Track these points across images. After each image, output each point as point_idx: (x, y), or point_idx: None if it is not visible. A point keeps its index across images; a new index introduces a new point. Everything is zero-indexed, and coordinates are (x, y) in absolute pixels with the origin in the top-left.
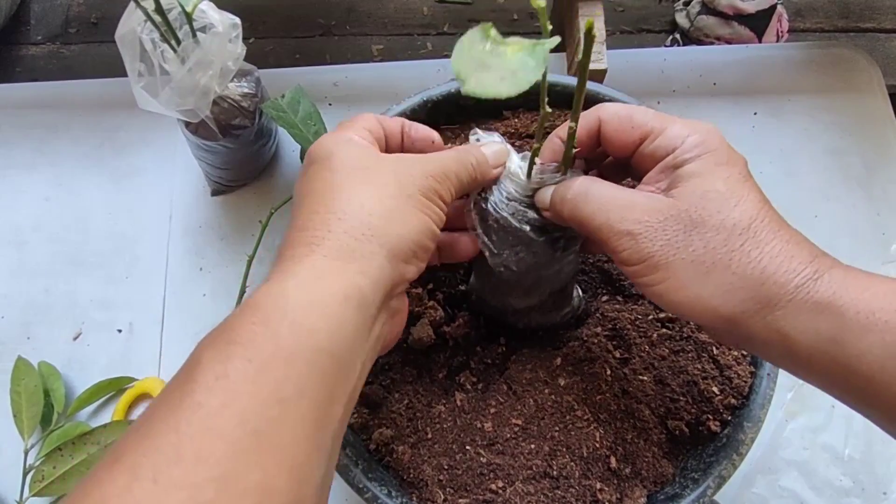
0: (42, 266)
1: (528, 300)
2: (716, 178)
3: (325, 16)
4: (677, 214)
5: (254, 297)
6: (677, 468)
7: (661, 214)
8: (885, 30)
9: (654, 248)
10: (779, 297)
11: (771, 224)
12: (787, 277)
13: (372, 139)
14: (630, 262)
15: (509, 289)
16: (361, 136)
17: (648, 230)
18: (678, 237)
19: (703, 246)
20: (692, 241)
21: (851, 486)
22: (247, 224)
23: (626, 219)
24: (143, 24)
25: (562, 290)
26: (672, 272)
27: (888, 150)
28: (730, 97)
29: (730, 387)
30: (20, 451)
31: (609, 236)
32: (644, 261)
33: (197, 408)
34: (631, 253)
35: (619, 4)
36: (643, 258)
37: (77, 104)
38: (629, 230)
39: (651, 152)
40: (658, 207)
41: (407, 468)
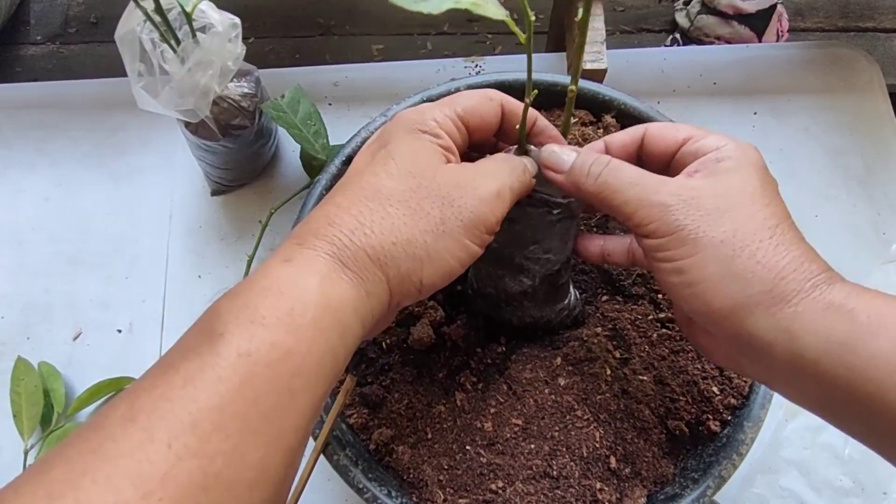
0: (42, 266)
1: (521, 280)
2: (751, 177)
3: (324, 16)
4: (712, 195)
5: (279, 280)
6: (677, 468)
7: (696, 192)
8: (885, 29)
9: (686, 221)
10: (794, 293)
11: (795, 232)
12: (805, 276)
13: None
14: (658, 234)
15: (501, 266)
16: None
17: (682, 203)
18: (711, 216)
19: (733, 229)
20: (723, 221)
21: (851, 486)
22: (247, 224)
23: (660, 191)
24: (142, 24)
25: (555, 278)
26: (699, 248)
27: (888, 149)
28: (730, 97)
29: (730, 386)
30: (20, 451)
31: (639, 207)
32: (673, 233)
33: (217, 382)
34: (660, 224)
35: (619, 4)
36: (673, 230)
37: (77, 104)
38: (662, 201)
39: (694, 150)
40: (694, 185)
41: (407, 468)
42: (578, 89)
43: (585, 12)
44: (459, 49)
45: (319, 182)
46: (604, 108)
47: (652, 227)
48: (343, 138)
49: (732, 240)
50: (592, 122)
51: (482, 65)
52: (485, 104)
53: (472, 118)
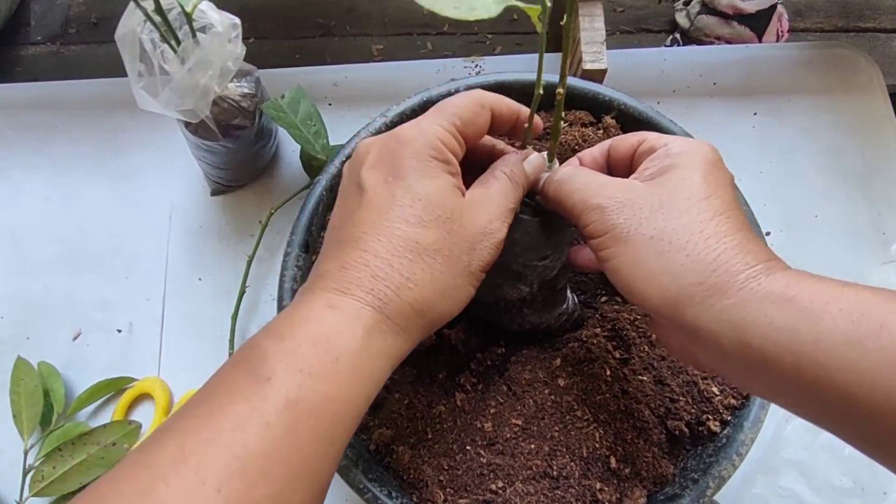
0: (42, 266)
1: (519, 288)
2: (695, 172)
3: (324, 16)
4: (649, 195)
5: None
6: (677, 468)
7: (632, 193)
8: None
9: (618, 221)
10: (729, 285)
11: (734, 223)
12: (739, 268)
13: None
14: (595, 235)
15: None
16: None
17: (616, 205)
18: (643, 214)
19: (663, 225)
20: (655, 219)
21: (851, 486)
22: (246, 224)
23: (599, 195)
24: (142, 24)
25: (553, 284)
26: (631, 246)
27: (888, 150)
28: (730, 97)
29: (729, 387)
30: (20, 451)
31: (582, 210)
32: (607, 232)
33: (265, 428)
34: (597, 225)
35: (619, 4)
36: (606, 230)
37: (77, 104)
38: (599, 204)
39: (647, 149)
40: (631, 187)
41: (407, 468)
42: (578, 90)
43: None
44: (459, 49)
45: (319, 182)
46: (604, 109)
47: (591, 228)
48: (343, 138)
49: (662, 236)
50: (592, 122)
51: (482, 65)
52: (478, 113)
53: (469, 129)
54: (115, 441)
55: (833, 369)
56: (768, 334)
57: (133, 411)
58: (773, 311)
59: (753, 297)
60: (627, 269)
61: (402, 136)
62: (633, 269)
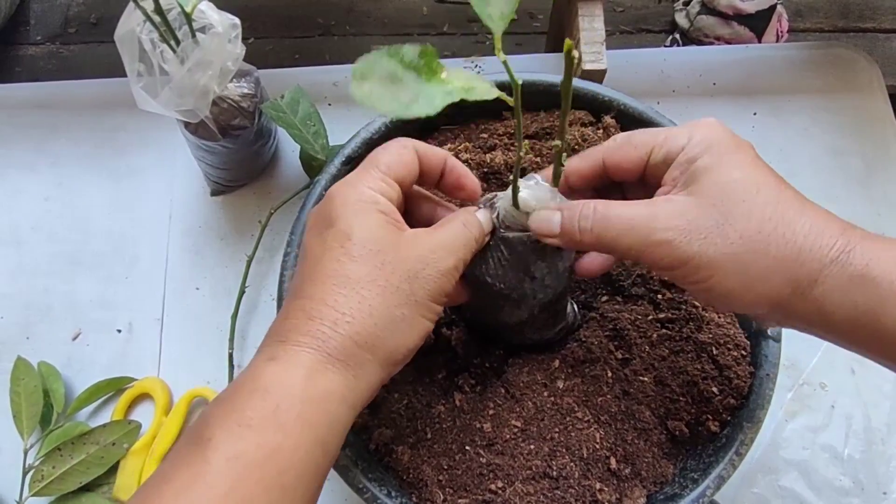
0: (42, 266)
1: (519, 313)
2: (730, 167)
3: (324, 16)
4: (705, 211)
5: (264, 379)
6: (677, 468)
7: (689, 215)
8: (884, 30)
9: (693, 249)
10: (817, 272)
11: (794, 203)
12: (822, 252)
13: (394, 191)
14: (673, 267)
15: (498, 301)
16: (385, 193)
17: (682, 234)
18: (712, 235)
19: (738, 237)
20: (727, 234)
21: (851, 486)
22: (246, 224)
23: (655, 230)
24: (142, 24)
25: (554, 305)
26: (717, 268)
27: (888, 150)
28: (729, 97)
29: (729, 387)
30: (20, 450)
31: (643, 251)
32: (686, 263)
33: (207, 489)
34: (671, 260)
35: (619, 4)
36: (684, 261)
37: (77, 104)
38: (662, 239)
39: (662, 158)
40: (683, 209)
41: (406, 468)
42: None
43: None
44: (459, 49)
45: (319, 182)
46: (603, 109)
47: (665, 264)
48: (343, 138)
49: (742, 249)
50: (592, 122)
51: (482, 65)
52: (402, 154)
53: (398, 171)
54: (114, 441)
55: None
56: (853, 317)
57: (133, 411)
58: (855, 296)
59: (839, 282)
60: (721, 288)
61: (333, 191)
62: (727, 286)
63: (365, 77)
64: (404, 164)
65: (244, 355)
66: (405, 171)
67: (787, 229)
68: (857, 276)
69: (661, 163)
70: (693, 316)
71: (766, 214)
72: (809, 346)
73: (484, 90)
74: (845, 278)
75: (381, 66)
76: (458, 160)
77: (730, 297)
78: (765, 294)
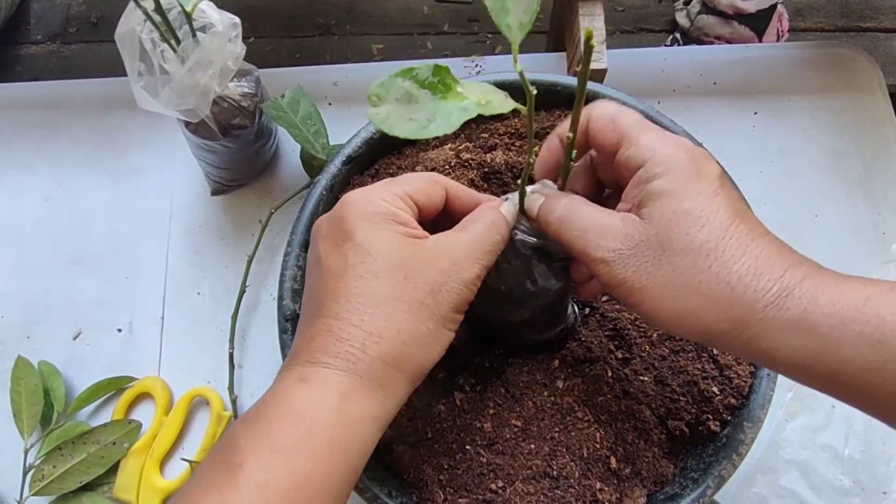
0: (42, 266)
1: (520, 313)
2: (684, 196)
3: (324, 15)
4: (647, 240)
5: (296, 402)
6: (677, 468)
7: (632, 241)
8: (885, 29)
9: (627, 274)
10: (749, 316)
11: (740, 241)
12: (756, 297)
13: (412, 211)
14: (610, 285)
15: (499, 300)
16: (401, 209)
17: (621, 258)
18: (648, 262)
19: (671, 270)
20: (661, 265)
21: (851, 486)
22: (247, 224)
23: (600, 247)
24: (142, 23)
25: (555, 307)
26: (647, 295)
27: (888, 150)
28: (730, 97)
29: (729, 387)
30: (20, 450)
31: (589, 262)
32: (620, 285)
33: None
34: (608, 278)
35: (619, 4)
36: (619, 283)
37: (77, 104)
38: (603, 258)
39: (625, 161)
40: (630, 233)
41: (407, 468)
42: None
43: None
44: (459, 49)
45: (319, 182)
46: None
47: (604, 280)
48: (343, 138)
49: (674, 281)
50: None
51: (482, 64)
52: (431, 186)
53: (420, 197)
54: (115, 440)
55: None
56: (794, 359)
57: (133, 411)
58: (794, 340)
59: (774, 327)
60: (653, 314)
61: (347, 199)
62: (657, 314)
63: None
64: (428, 195)
65: (244, 355)
66: (427, 201)
67: (721, 269)
68: (795, 320)
69: (623, 165)
70: None
71: (705, 251)
72: None
73: (499, 103)
74: (782, 322)
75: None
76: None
77: (665, 325)
78: (697, 328)
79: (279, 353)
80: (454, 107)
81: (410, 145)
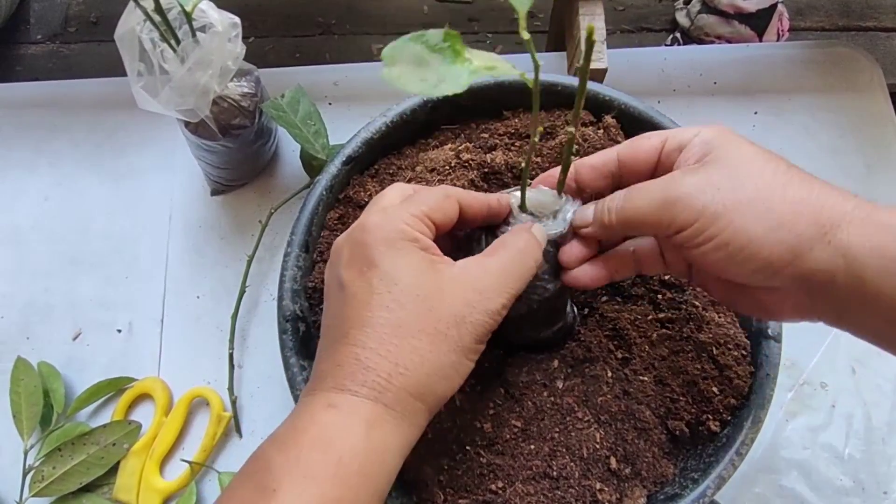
0: (42, 266)
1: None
2: (741, 147)
3: (324, 15)
4: (719, 171)
5: (326, 429)
6: (677, 468)
7: (702, 175)
8: (885, 28)
9: (709, 199)
10: (840, 216)
11: (803, 176)
12: (844, 201)
13: (430, 231)
14: (689, 223)
15: None
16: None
17: (695, 189)
18: (726, 185)
19: (753, 185)
20: (742, 184)
21: (852, 486)
22: (247, 224)
23: (669, 191)
24: (142, 23)
25: (554, 302)
26: (734, 215)
27: (888, 149)
28: (730, 96)
29: (730, 387)
30: (20, 451)
31: (661, 215)
32: (699, 218)
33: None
34: (686, 215)
35: (619, 3)
36: (700, 213)
37: (77, 104)
38: (679, 195)
39: (676, 145)
40: (695, 172)
41: (407, 468)
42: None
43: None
44: None
45: (319, 182)
46: (604, 108)
47: (681, 220)
48: (343, 138)
49: (758, 195)
50: (593, 122)
51: None
52: (445, 202)
53: (436, 216)
54: (114, 441)
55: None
56: (881, 263)
57: (133, 411)
58: (884, 240)
59: (865, 225)
60: (740, 237)
61: (368, 223)
62: (743, 236)
63: (394, 60)
64: (444, 212)
65: (244, 355)
66: (443, 218)
67: (803, 183)
68: (885, 222)
69: (674, 150)
70: (693, 316)
71: (780, 170)
72: (810, 346)
73: (505, 69)
74: (873, 222)
75: (409, 50)
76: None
77: (749, 247)
78: (787, 241)
79: (279, 353)
80: (463, 69)
81: (410, 145)
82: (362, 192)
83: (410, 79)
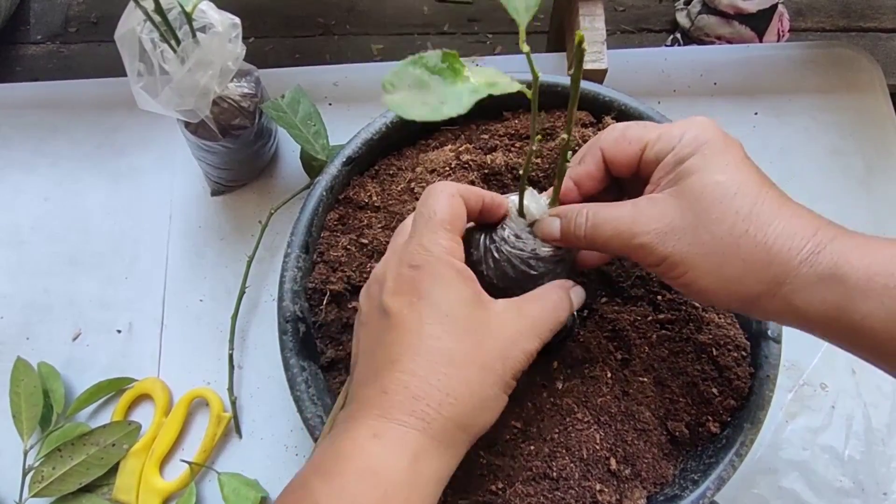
0: (42, 266)
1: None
2: (714, 169)
3: (324, 15)
4: (682, 214)
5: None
6: (677, 469)
7: (667, 217)
8: (886, 29)
9: (668, 250)
10: (786, 274)
11: (772, 204)
12: (791, 255)
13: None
14: (653, 265)
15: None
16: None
17: (659, 237)
18: (686, 235)
19: (710, 238)
20: (700, 235)
21: (851, 487)
22: (247, 224)
23: (636, 234)
24: (142, 23)
25: None
26: (690, 266)
27: (889, 150)
28: (730, 97)
29: (729, 388)
30: (19, 451)
31: (629, 253)
32: (663, 261)
33: None
34: (651, 259)
35: (620, 4)
36: (661, 259)
37: (77, 104)
38: (641, 243)
39: (654, 156)
40: (662, 211)
41: None
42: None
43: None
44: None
45: (319, 182)
46: (604, 109)
47: (648, 262)
48: (343, 138)
49: (714, 249)
50: (592, 122)
51: (482, 65)
52: (454, 206)
53: (457, 225)
54: (114, 442)
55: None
56: (823, 313)
57: (133, 412)
58: (825, 293)
59: (808, 282)
60: (695, 284)
61: (414, 261)
62: (700, 284)
63: (394, 86)
64: (459, 217)
65: (244, 356)
66: (461, 224)
67: (758, 231)
68: (826, 275)
69: (653, 160)
70: (693, 317)
71: (741, 217)
72: (810, 347)
73: (506, 84)
74: (814, 277)
75: (409, 74)
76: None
77: (705, 293)
78: (737, 292)
79: (279, 353)
80: (464, 89)
81: (410, 146)
82: (362, 193)
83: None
